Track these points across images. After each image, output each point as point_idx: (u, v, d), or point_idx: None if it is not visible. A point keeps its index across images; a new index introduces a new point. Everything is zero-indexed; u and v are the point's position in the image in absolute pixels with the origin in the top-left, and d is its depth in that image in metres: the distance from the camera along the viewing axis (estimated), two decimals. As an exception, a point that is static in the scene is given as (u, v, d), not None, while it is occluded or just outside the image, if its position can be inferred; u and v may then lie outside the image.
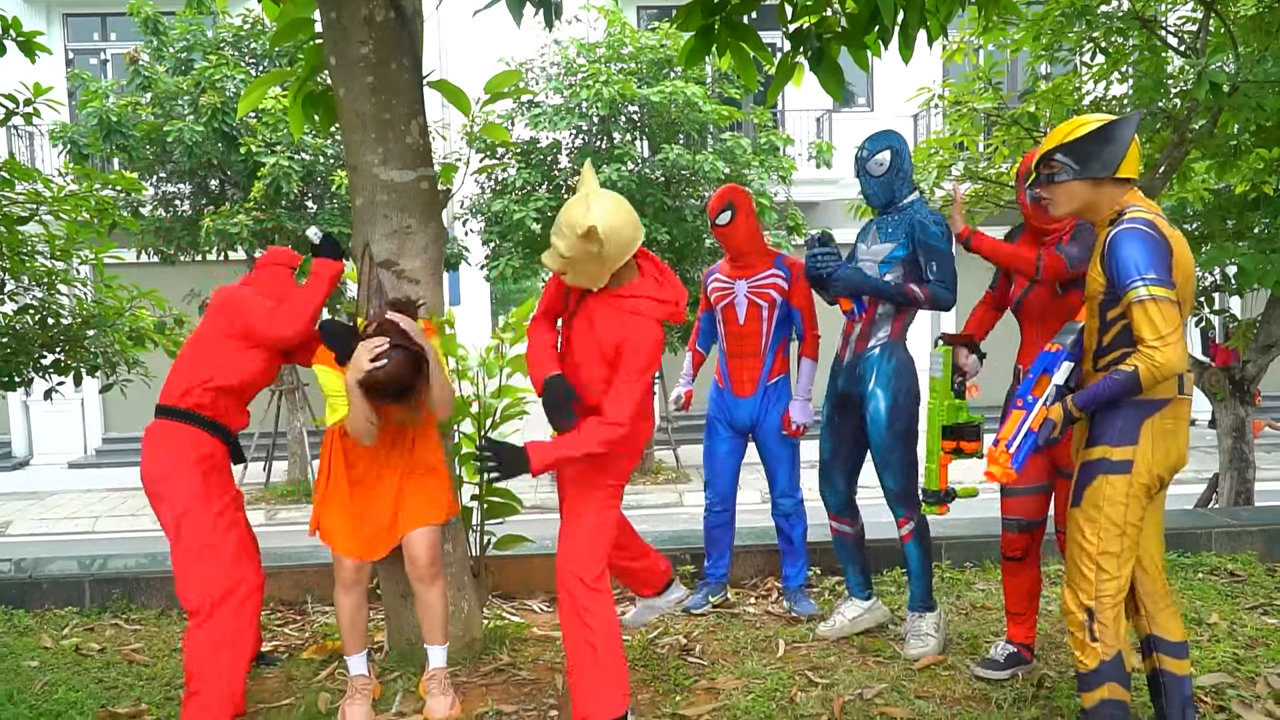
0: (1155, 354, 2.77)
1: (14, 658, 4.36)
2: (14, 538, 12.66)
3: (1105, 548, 2.96)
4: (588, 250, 3.16)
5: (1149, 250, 2.81)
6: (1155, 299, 2.77)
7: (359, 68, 3.75)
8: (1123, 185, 3.00)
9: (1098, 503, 2.96)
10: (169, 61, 12.56)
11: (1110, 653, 2.98)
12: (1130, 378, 2.80)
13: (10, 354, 5.84)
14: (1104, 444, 2.96)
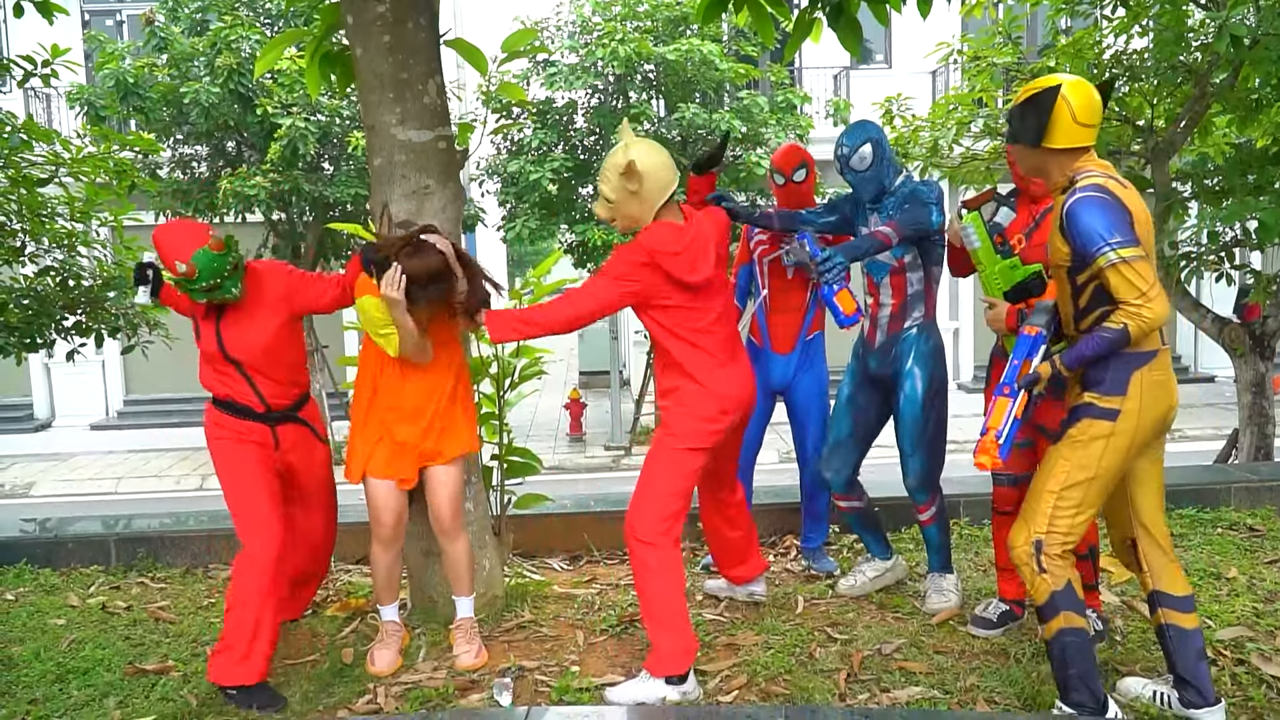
0: (1143, 310, 2.82)
1: (41, 616, 4.43)
2: (38, 499, 12.83)
3: (1070, 481, 3.01)
4: (628, 189, 3.41)
5: (1107, 214, 2.85)
6: (1126, 260, 2.82)
7: (376, 26, 3.74)
8: (1069, 154, 3.01)
9: (1076, 441, 3.02)
10: (185, 22, 12.54)
11: (1060, 583, 3.03)
12: (1120, 334, 2.83)
13: (32, 316, 5.89)
14: (1094, 391, 3.01)
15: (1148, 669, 3.55)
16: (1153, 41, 6.52)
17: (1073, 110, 2.96)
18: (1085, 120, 2.98)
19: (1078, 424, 3.02)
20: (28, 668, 3.90)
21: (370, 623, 4.18)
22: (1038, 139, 3.01)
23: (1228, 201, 6.49)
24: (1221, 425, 13.03)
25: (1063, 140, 2.99)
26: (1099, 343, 2.87)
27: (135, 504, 11.51)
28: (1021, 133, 3.05)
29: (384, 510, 3.74)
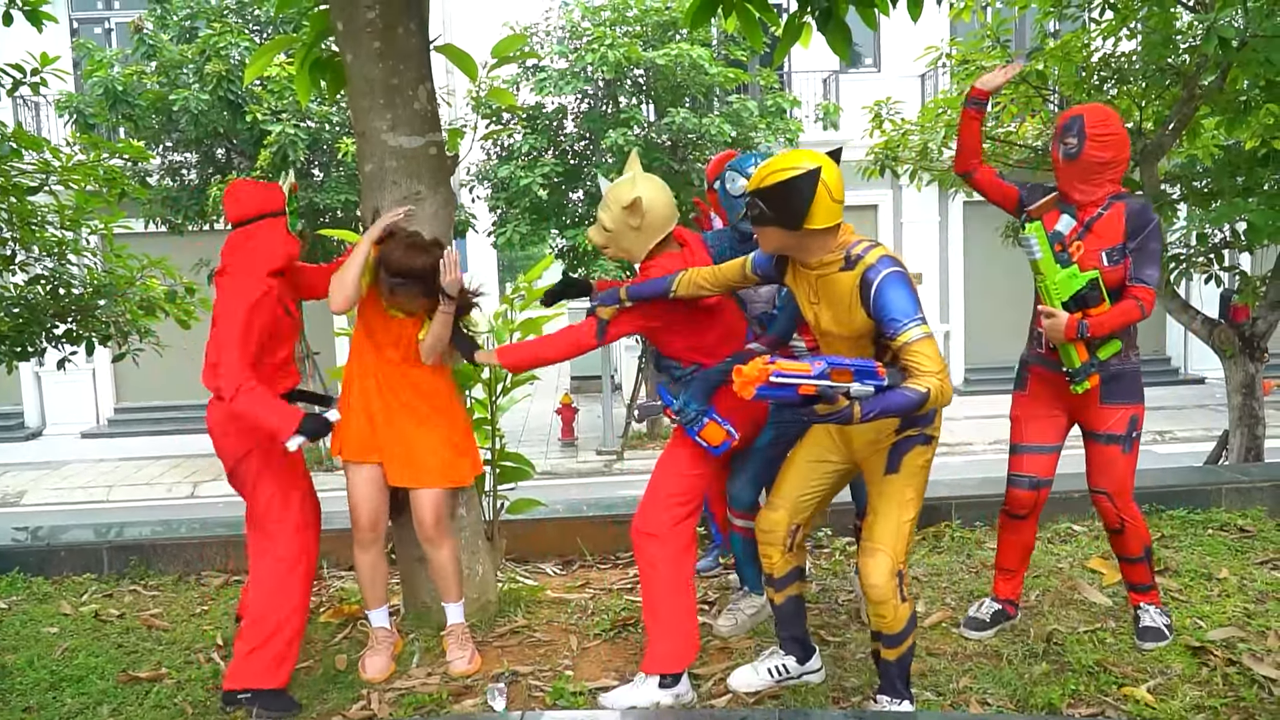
0: (945, 384, 2.84)
1: (34, 624, 4.42)
2: (29, 507, 12.78)
3: (914, 511, 3.14)
4: (629, 223, 3.46)
5: (908, 292, 2.89)
6: (925, 337, 2.85)
7: (366, 33, 3.74)
8: (829, 233, 2.98)
9: (914, 471, 3.12)
10: (173, 29, 12.52)
11: (910, 610, 3.15)
12: (922, 397, 2.82)
13: (23, 324, 5.87)
14: (920, 426, 3.11)
15: (1139, 669, 3.56)
16: (1141, 44, 6.56)
17: (830, 191, 2.91)
18: (840, 197, 2.95)
19: (910, 453, 3.11)
20: (21, 676, 3.89)
21: (363, 629, 4.18)
22: (799, 223, 2.93)
23: (1217, 203, 6.53)
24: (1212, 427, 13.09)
25: (825, 220, 2.93)
26: (904, 402, 2.82)
27: (127, 512, 11.48)
28: (782, 217, 2.94)
29: (361, 511, 3.75)
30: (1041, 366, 3.73)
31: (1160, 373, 17.54)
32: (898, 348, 2.87)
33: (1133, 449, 3.66)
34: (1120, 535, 3.73)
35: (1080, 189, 3.57)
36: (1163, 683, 3.46)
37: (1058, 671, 3.57)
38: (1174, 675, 3.50)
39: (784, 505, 3.33)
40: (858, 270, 2.94)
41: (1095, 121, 3.49)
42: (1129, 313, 3.43)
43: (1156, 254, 3.48)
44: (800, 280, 3.14)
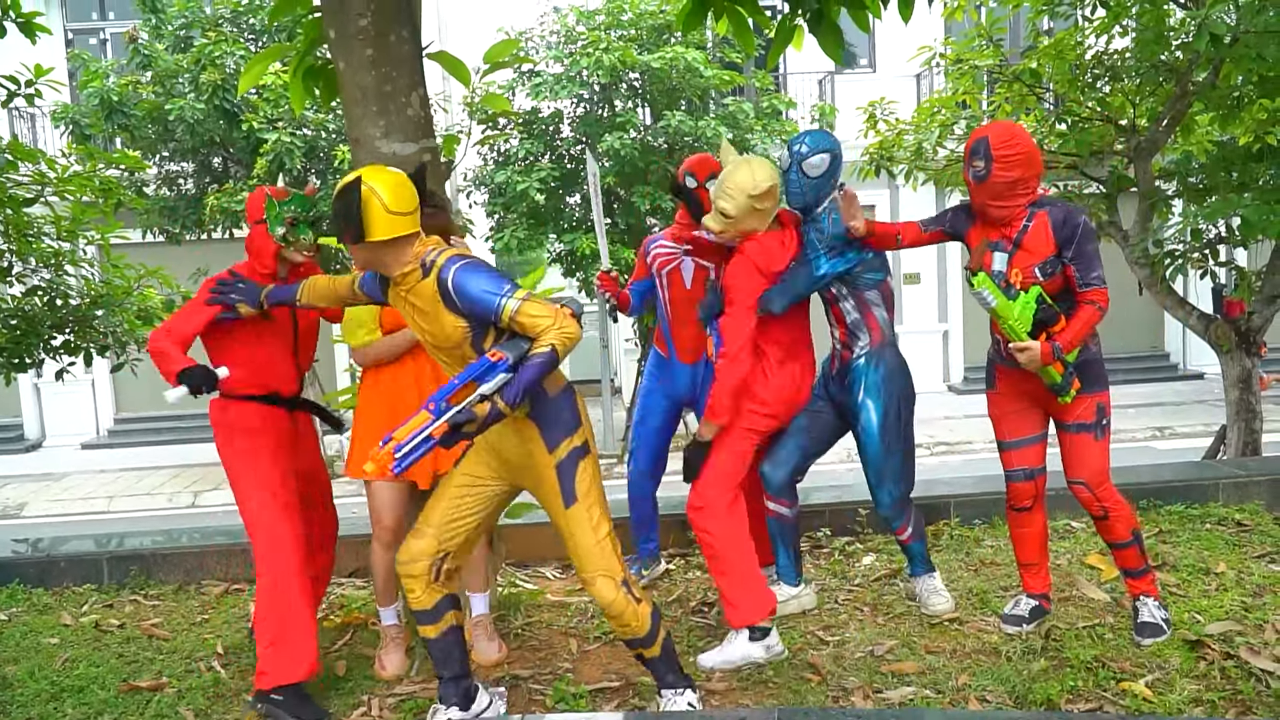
0: (565, 327, 2.84)
1: (35, 635, 4.43)
2: (30, 519, 12.77)
3: (599, 518, 3.13)
4: (756, 208, 3.70)
5: (484, 273, 2.92)
6: (523, 300, 2.86)
7: (358, 40, 3.75)
8: (399, 244, 2.97)
9: (588, 488, 3.11)
10: (168, 39, 12.52)
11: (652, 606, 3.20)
12: (551, 354, 2.82)
13: (20, 335, 5.89)
14: (565, 438, 3.09)
15: (1137, 664, 3.57)
16: (1134, 41, 6.57)
17: (384, 202, 2.91)
18: (398, 208, 2.93)
19: (577, 470, 3.10)
20: (23, 687, 3.90)
21: (364, 636, 4.19)
22: (360, 236, 2.93)
23: (1211, 199, 6.54)
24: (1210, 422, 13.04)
25: (384, 232, 2.92)
26: (536, 368, 2.82)
27: (128, 522, 11.46)
28: (341, 231, 2.96)
29: (384, 511, 3.80)
30: (1005, 365, 3.76)
31: (1159, 369, 17.53)
32: (506, 325, 2.89)
33: (1104, 435, 3.68)
34: (1105, 522, 3.73)
35: (995, 206, 3.59)
36: (1161, 677, 3.47)
37: (1056, 667, 3.58)
38: (1172, 669, 3.51)
39: (430, 533, 3.20)
40: (433, 275, 2.94)
41: (1000, 142, 3.50)
42: (1091, 319, 3.50)
43: (1095, 254, 3.52)
44: (398, 299, 3.10)
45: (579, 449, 3.11)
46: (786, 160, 3.88)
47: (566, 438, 3.09)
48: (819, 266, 3.83)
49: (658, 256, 4.51)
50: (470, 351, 3.01)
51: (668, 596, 4.49)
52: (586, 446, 3.14)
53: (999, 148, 3.49)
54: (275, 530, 3.58)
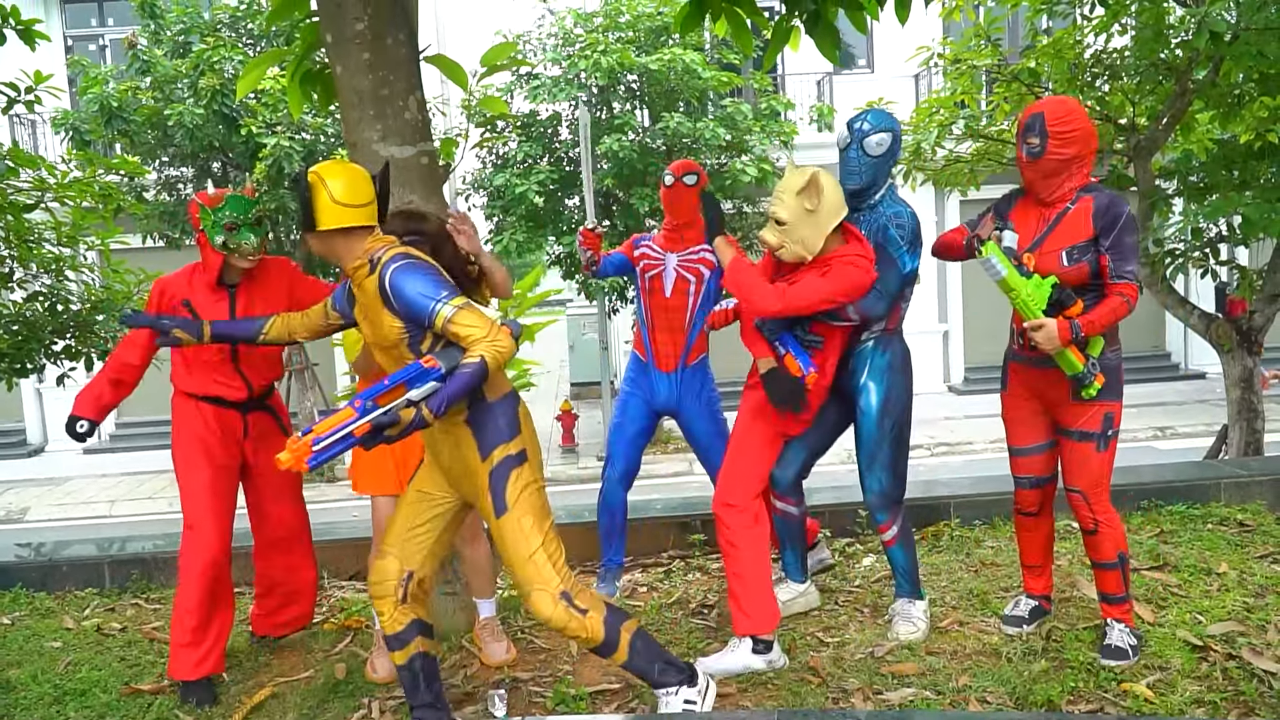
0: (497, 340, 2.82)
1: (37, 639, 4.43)
2: (32, 523, 12.80)
3: (544, 530, 3.08)
4: (805, 208, 3.41)
5: (423, 276, 2.90)
6: (459, 309, 2.85)
7: (355, 44, 3.75)
8: (353, 234, 3.00)
9: (518, 495, 3.04)
10: (167, 45, 12.55)
11: (603, 611, 3.12)
12: (480, 366, 2.80)
13: (21, 341, 5.89)
14: (499, 445, 3.04)
15: (1139, 666, 3.56)
16: (1133, 39, 6.57)
17: (331, 193, 2.95)
18: (347, 200, 2.96)
19: (509, 479, 3.04)
20: (25, 690, 3.90)
21: (363, 639, 4.19)
22: (310, 225, 2.99)
23: (1212, 197, 6.54)
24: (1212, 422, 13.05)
25: (332, 222, 2.96)
26: (463, 379, 2.80)
27: (129, 526, 11.47)
28: (303, 220, 3.02)
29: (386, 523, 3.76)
30: (1018, 363, 3.68)
31: (1160, 368, 17.54)
32: (439, 331, 2.88)
33: (1108, 447, 3.56)
34: (1094, 537, 3.62)
35: (1046, 186, 3.48)
36: (1162, 678, 3.46)
37: (1057, 668, 3.57)
38: (1173, 670, 3.50)
39: (391, 552, 3.19)
40: (377, 272, 2.95)
41: (1056, 119, 3.38)
42: (1117, 309, 3.36)
43: (1133, 247, 3.40)
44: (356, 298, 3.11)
45: (513, 457, 3.05)
46: (846, 138, 3.77)
47: (501, 444, 3.03)
48: (905, 263, 3.73)
49: (644, 257, 4.48)
50: (407, 353, 2.99)
51: (668, 599, 4.48)
52: (523, 455, 3.07)
53: (1055, 124, 3.37)
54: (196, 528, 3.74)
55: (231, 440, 3.85)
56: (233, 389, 3.82)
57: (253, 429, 3.89)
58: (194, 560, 3.71)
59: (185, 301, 3.67)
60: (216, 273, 3.72)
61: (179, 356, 3.79)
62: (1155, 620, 3.90)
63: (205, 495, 3.76)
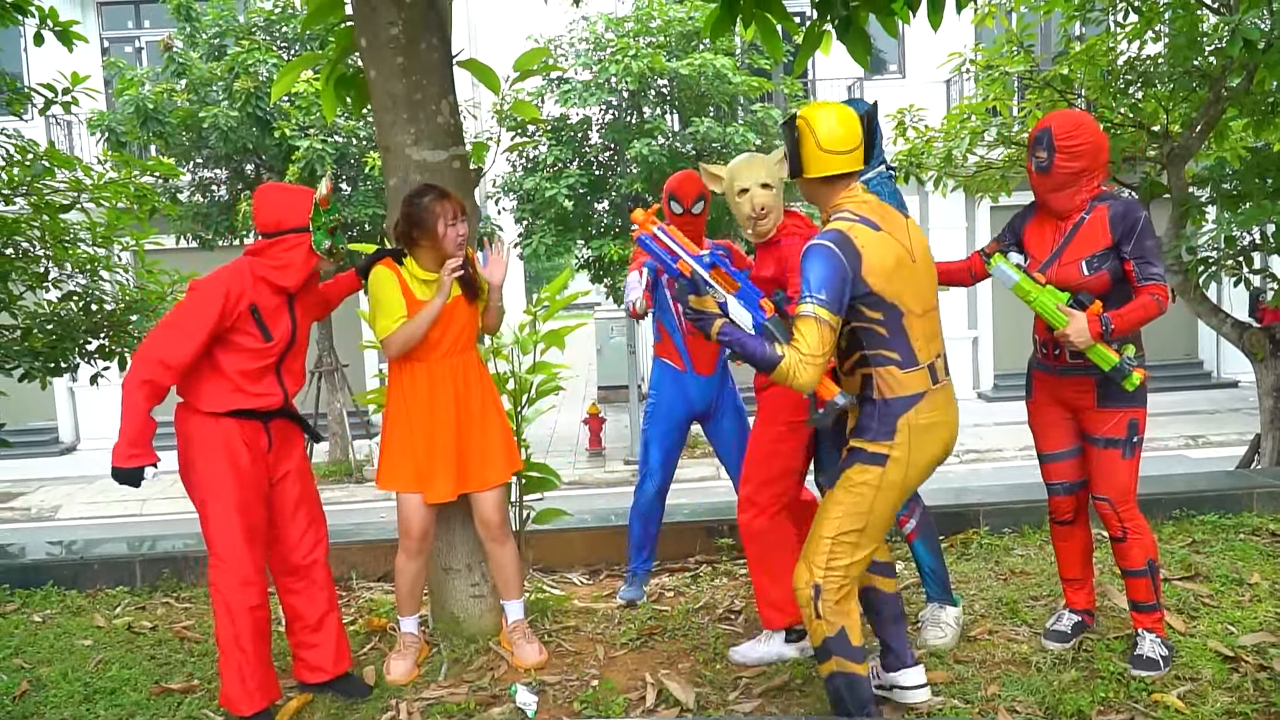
0: (803, 364, 2.80)
1: (68, 637, 4.47)
2: (64, 521, 12.93)
3: (844, 528, 3.01)
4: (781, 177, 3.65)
5: (824, 269, 2.84)
6: (818, 319, 2.81)
7: (389, 49, 3.78)
8: (831, 183, 3.00)
9: (848, 487, 3.01)
10: (202, 48, 12.68)
11: (833, 629, 3.02)
12: (772, 359, 2.81)
13: (55, 340, 5.95)
14: (862, 438, 3.01)
15: (1170, 676, 3.53)
16: (1166, 46, 6.53)
17: (817, 139, 2.95)
18: (833, 146, 2.96)
19: (851, 468, 3.02)
20: (56, 688, 3.94)
21: (391, 640, 4.21)
22: (795, 171, 3.02)
23: (1245, 205, 6.48)
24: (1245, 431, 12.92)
25: (816, 170, 2.98)
26: (756, 346, 2.84)
27: (160, 525, 11.58)
28: (791, 166, 3.05)
29: (413, 523, 3.80)
30: (1042, 371, 3.69)
31: (1193, 376, 17.37)
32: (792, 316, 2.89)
33: (1134, 454, 3.55)
34: (1122, 544, 3.61)
35: (1058, 199, 3.50)
36: (1193, 689, 3.43)
37: (1087, 678, 3.55)
38: (1204, 681, 3.47)
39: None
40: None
41: (1064, 133, 3.40)
42: (1148, 307, 3.34)
43: (1155, 249, 3.39)
44: None
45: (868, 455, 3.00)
46: None
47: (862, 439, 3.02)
48: None
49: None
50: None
51: (694, 603, 4.48)
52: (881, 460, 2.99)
53: (1062, 138, 3.39)
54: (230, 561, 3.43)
55: (259, 455, 3.52)
56: (268, 398, 3.51)
57: (276, 437, 3.60)
58: (236, 598, 3.41)
59: (252, 306, 3.41)
60: (306, 275, 3.50)
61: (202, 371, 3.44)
62: (1186, 630, 3.87)
63: (239, 523, 3.43)
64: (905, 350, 2.95)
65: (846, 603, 3.04)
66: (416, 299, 3.66)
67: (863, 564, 3.07)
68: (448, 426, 3.72)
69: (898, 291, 2.92)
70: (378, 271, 3.69)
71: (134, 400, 3.32)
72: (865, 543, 3.03)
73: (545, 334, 4.44)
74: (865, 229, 2.91)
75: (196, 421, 3.48)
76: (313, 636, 3.72)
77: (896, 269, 2.92)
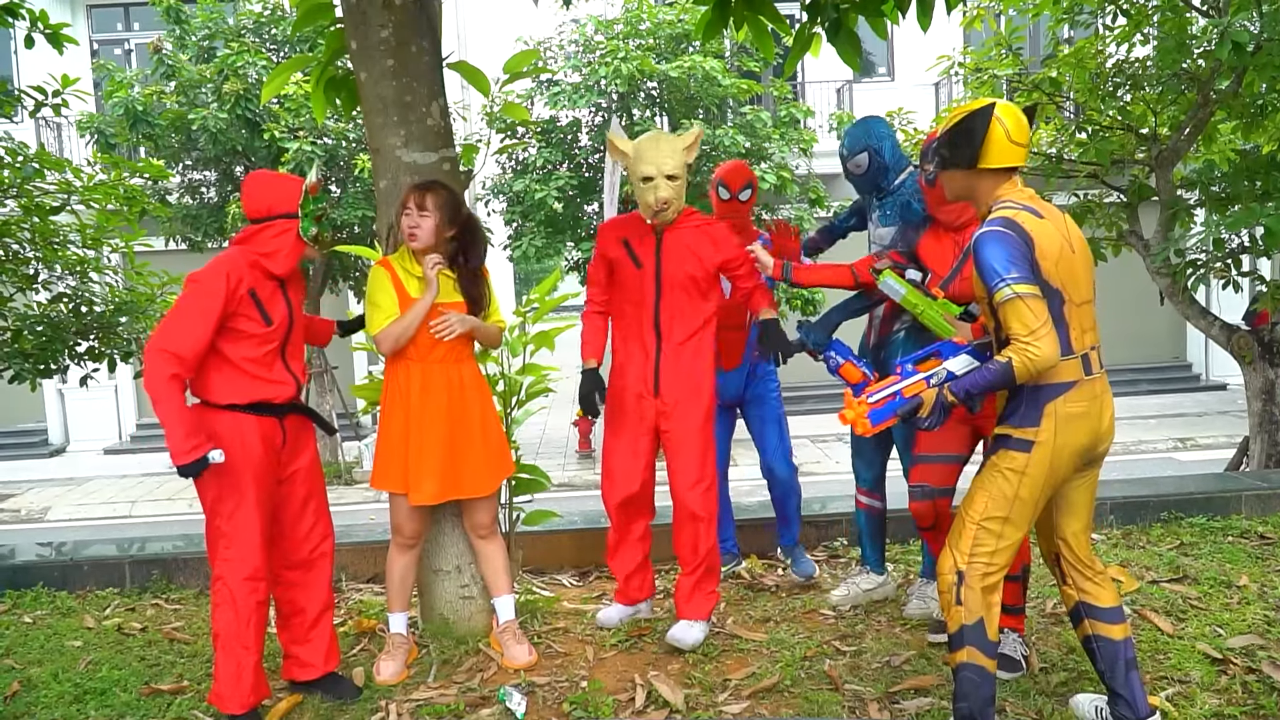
0: (1029, 348, 2.81)
1: (58, 638, 4.46)
2: (53, 523, 12.87)
3: (990, 514, 2.99)
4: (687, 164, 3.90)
5: (1005, 249, 2.85)
6: (1020, 296, 2.82)
7: (379, 51, 3.78)
8: (999, 175, 3.03)
9: (995, 470, 3.01)
10: (191, 50, 12.64)
11: (972, 618, 3.00)
12: (1005, 369, 2.83)
13: (45, 342, 5.94)
14: (1008, 424, 3.01)
15: (1157, 677, 3.55)
16: (1155, 49, 6.56)
17: (1007, 130, 2.98)
18: (1019, 139, 3.00)
19: (997, 454, 3.03)
20: (46, 689, 3.92)
21: (379, 642, 4.21)
22: (972, 162, 3.02)
23: (1234, 208, 6.51)
24: (1234, 433, 12.96)
25: (998, 159, 3.00)
26: (985, 375, 2.87)
27: (149, 526, 11.54)
28: (956, 156, 3.05)
29: (406, 522, 3.84)
30: None
31: (1181, 379, 17.42)
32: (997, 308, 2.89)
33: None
34: None
35: (948, 213, 3.59)
36: (1181, 691, 3.44)
37: (1075, 680, 3.55)
38: (1192, 683, 3.48)
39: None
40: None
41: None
42: None
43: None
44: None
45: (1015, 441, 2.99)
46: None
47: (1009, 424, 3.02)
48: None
49: None
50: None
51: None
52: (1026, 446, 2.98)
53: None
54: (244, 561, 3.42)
55: (273, 452, 3.49)
56: (281, 385, 3.48)
57: (290, 434, 3.56)
58: (243, 592, 3.40)
59: (251, 291, 3.38)
60: (295, 262, 3.48)
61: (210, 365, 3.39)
62: (1174, 632, 3.89)
63: (253, 519, 3.42)
64: (1063, 337, 2.93)
65: (991, 594, 3.02)
66: (410, 297, 3.69)
67: (1008, 552, 3.01)
68: (438, 431, 3.72)
69: (1062, 279, 2.93)
70: (373, 271, 3.74)
71: (167, 397, 3.22)
72: (1010, 531, 3.00)
73: (535, 336, 4.45)
74: (1030, 216, 2.94)
75: (212, 419, 3.41)
76: (309, 633, 3.72)
77: (1061, 256, 2.94)
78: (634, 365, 4.05)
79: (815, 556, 5.04)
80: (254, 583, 3.44)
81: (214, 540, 3.46)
